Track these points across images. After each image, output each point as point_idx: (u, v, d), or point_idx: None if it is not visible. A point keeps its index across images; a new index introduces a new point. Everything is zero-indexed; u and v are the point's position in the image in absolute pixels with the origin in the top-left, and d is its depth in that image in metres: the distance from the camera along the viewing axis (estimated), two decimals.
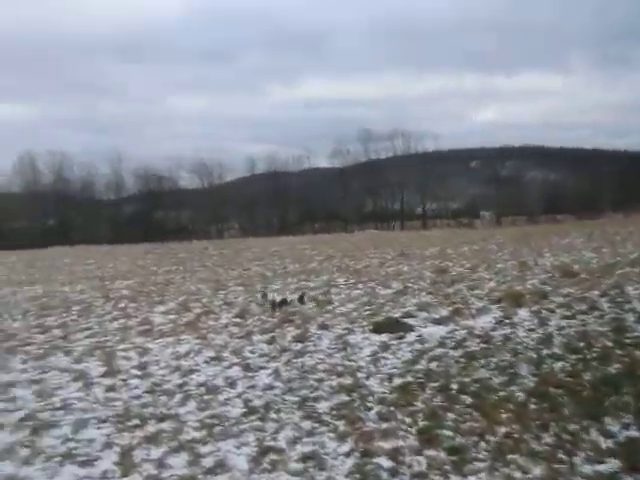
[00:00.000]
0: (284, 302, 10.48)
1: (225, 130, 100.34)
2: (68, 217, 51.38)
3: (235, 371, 6.72)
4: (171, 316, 11.35)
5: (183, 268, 21.71)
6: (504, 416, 4.83)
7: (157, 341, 8.83)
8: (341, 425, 4.79)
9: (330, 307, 10.75)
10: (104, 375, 7.02)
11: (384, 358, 6.65)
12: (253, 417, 5.12)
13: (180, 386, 6.32)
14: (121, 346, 8.68)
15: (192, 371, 6.86)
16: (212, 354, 7.66)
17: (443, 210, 59.58)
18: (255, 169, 59.76)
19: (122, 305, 13.30)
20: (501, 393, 5.41)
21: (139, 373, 7.01)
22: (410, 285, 12.87)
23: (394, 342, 7.38)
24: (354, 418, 4.88)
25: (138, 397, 6.07)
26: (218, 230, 55.37)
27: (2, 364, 7.99)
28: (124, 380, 6.75)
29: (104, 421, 5.39)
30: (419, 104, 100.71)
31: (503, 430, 4.58)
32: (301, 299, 10.73)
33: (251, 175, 59.77)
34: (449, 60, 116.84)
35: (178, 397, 5.91)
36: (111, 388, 6.46)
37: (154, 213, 53.98)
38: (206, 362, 7.30)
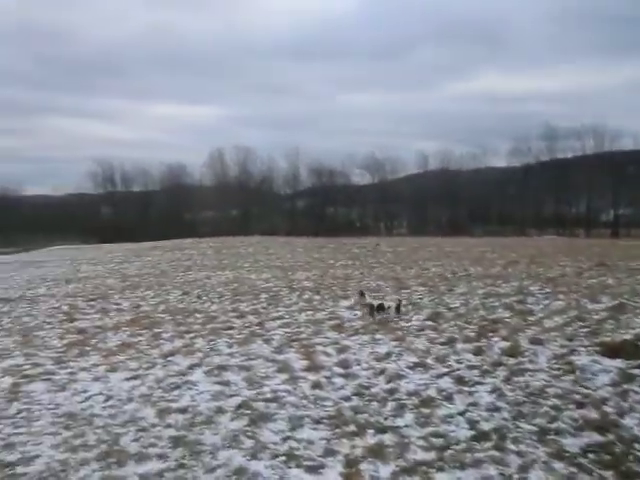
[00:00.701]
0: (381, 308, 9.72)
1: (397, 126, 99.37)
2: (249, 209, 55.21)
3: (447, 383, 6.07)
4: (357, 312, 11.12)
5: (359, 263, 21.71)
6: None
7: (352, 338, 8.56)
8: (610, 477, 3.87)
9: (532, 318, 9.63)
10: (307, 370, 6.87)
11: (634, 392, 5.49)
12: (487, 444, 4.41)
13: (390, 392, 5.85)
14: (317, 339, 8.56)
15: (399, 376, 6.37)
16: (414, 359, 7.12)
17: (638, 218, 52.44)
18: (427, 166, 58.58)
19: (306, 297, 13.48)
20: None
21: (342, 372, 6.72)
22: (626, 302, 11.08)
23: (638, 371, 6.14)
24: (628, 472, 3.92)
25: (347, 399, 5.73)
26: (387, 227, 55.30)
27: (212, 345, 8.35)
28: (328, 378, 6.50)
29: (318, 422, 5.12)
30: (616, 97, 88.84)
31: None
32: (398, 308, 9.86)
33: (423, 172, 58.67)
34: None
35: (391, 406, 5.44)
36: (317, 385, 6.24)
37: (326, 208, 55.72)
38: (410, 368, 6.77)
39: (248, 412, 5.42)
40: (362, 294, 10.36)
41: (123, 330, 10.04)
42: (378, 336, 8.58)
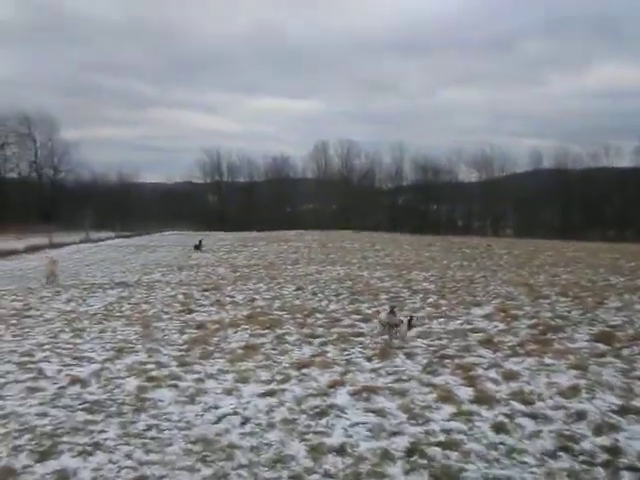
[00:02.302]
0: (395, 324, 7.95)
1: (503, 123, 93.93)
2: (350, 202, 54.16)
3: None
4: (498, 324, 9.54)
5: (476, 265, 19.85)
6: None
7: (513, 359, 7.03)
8: None
9: None
10: (477, 402, 5.45)
11: None
12: None
13: (612, 452, 4.29)
14: (470, 358, 7.12)
15: (611, 427, 4.77)
16: (615, 400, 5.46)
17: None
18: (540, 164, 54.22)
19: (431, 300, 12.05)
20: None
21: (524, 409, 5.23)
22: None
23: None
24: None
25: (553, 456, 4.25)
26: (493, 227, 51.97)
27: (347, 357, 7.17)
28: (509, 417, 5.04)
29: None
30: None
31: None
32: (410, 322, 8.24)
33: (533, 171, 54.40)
34: None
35: (629, 479, 3.90)
36: (499, 427, 4.81)
37: (429, 204, 53.43)
38: (617, 413, 5.12)
39: (424, 462, 4.12)
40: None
41: (243, 328, 9.19)
42: (548, 360, 6.96)
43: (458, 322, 9.79)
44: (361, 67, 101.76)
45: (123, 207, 54.38)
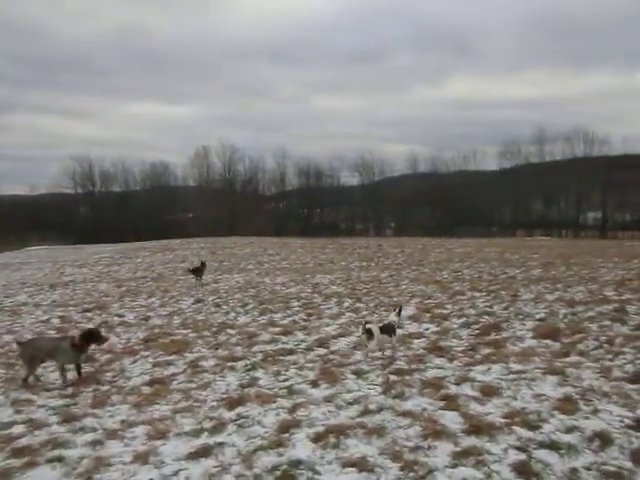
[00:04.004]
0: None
1: (375, 130, 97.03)
2: (234, 209, 52.08)
3: None
4: (429, 325, 8.66)
5: (376, 265, 19.21)
6: None
7: (478, 369, 5.96)
8: None
9: None
10: (473, 432, 4.24)
11: None
12: None
13: None
14: (431, 372, 5.94)
15: None
16: (619, 410, 4.55)
17: (622, 220, 51.45)
18: (416, 168, 56.52)
19: (347, 304, 10.92)
20: None
21: (534, 437, 4.10)
22: None
23: None
24: None
25: None
26: (376, 228, 52.95)
27: (284, 383, 5.59)
28: (524, 451, 3.89)
29: None
30: (586, 104, 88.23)
31: None
32: (399, 312, 7.41)
33: (411, 174, 56.50)
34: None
35: None
36: (524, 470, 3.63)
37: (313, 208, 53.08)
38: (633, 427, 4.21)
39: None
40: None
41: (142, 356, 7.28)
42: (515, 366, 5.98)
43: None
44: (235, 74, 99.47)
45: None
